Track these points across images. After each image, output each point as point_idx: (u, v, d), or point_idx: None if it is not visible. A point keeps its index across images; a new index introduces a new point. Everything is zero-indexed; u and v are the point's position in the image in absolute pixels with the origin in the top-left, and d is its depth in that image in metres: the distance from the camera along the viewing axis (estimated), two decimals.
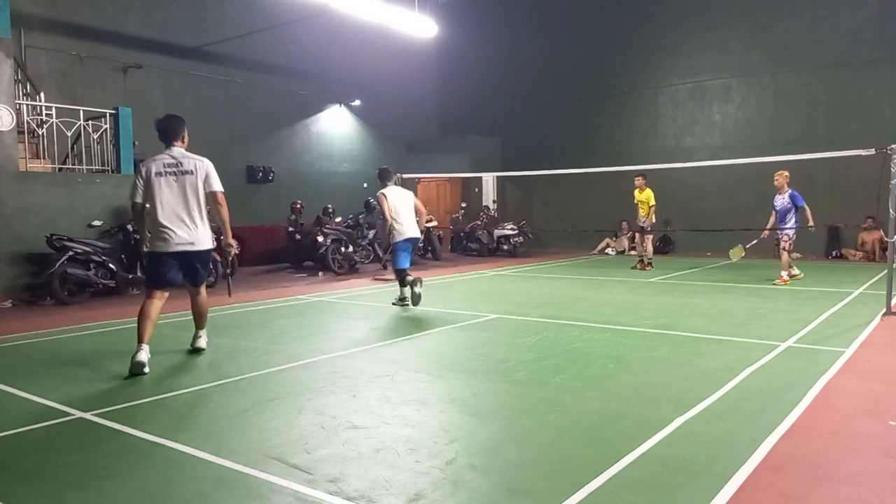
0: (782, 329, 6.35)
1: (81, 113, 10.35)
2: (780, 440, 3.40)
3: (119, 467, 3.20)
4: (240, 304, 8.50)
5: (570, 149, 17.93)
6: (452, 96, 20.80)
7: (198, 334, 5.72)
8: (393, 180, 8.41)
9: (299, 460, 3.22)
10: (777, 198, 10.10)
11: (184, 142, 5.40)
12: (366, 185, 17.30)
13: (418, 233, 8.28)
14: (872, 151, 7.57)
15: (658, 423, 3.65)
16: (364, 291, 10.10)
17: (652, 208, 12.19)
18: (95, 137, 10.38)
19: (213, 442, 3.49)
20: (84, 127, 10.27)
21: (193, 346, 5.68)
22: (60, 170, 10.32)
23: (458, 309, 7.98)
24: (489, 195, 19.43)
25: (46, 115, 10.24)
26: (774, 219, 10.21)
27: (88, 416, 3.97)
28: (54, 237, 8.85)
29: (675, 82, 17.16)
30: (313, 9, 13.28)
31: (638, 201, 12.33)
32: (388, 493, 2.84)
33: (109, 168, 10.47)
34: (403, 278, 8.07)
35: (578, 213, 18.19)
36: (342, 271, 12.50)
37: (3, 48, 9.08)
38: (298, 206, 14.12)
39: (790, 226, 9.90)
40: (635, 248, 14.32)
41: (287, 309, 8.29)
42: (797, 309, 7.65)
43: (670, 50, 17.09)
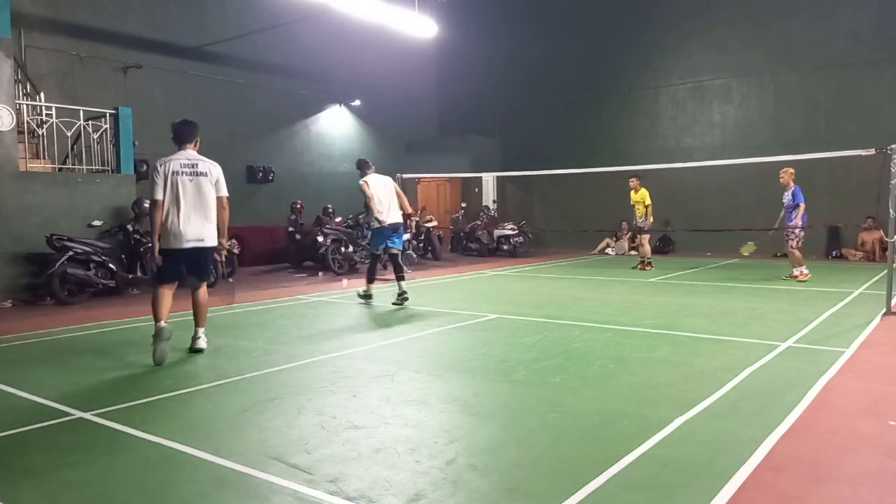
0: (782, 329, 6.35)
1: (81, 113, 10.35)
2: (780, 440, 3.40)
3: (119, 467, 3.20)
4: (240, 304, 8.50)
5: (570, 149, 17.92)
6: (452, 96, 20.79)
7: (197, 334, 5.72)
8: (373, 168, 8.62)
9: (299, 460, 3.22)
10: (784, 195, 10.20)
11: (196, 146, 5.64)
12: None
13: (400, 218, 8.52)
14: (872, 151, 7.58)
15: (658, 423, 3.65)
16: None
17: (648, 208, 12.18)
18: (95, 137, 10.38)
19: (213, 442, 3.49)
20: (84, 127, 10.27)
21: (193, 346, 5.68)
22: (60, 170, 10.31)
23: (458, 309, 7.98)
24: (489, 195, 19.42)
25: (46, 115, 10.24)
26: (784, 215, 10.30)
27: (88, 415, 3.97)
28: (54, 237, 8.86)
29: (675, 82, 17.16)
30: (313, 9, 13.28)
31: (634, 202, 12.35)
32: (388, 493, 2.84)
33: (109, 168, 10.47)
34: (373, 277, 8.65)
35: (578, 213, 18.18)
36: (342, 271, 12.51)
37: (3, 48, 9.08)
38: (298, 206, 14.11)
39: (796, 223, 9.99)
40: (636, 250, 14.31)
41: (287, 309, 8.29)
42: (797, 309, 7.65)
43: (670, 50, 17.08)
